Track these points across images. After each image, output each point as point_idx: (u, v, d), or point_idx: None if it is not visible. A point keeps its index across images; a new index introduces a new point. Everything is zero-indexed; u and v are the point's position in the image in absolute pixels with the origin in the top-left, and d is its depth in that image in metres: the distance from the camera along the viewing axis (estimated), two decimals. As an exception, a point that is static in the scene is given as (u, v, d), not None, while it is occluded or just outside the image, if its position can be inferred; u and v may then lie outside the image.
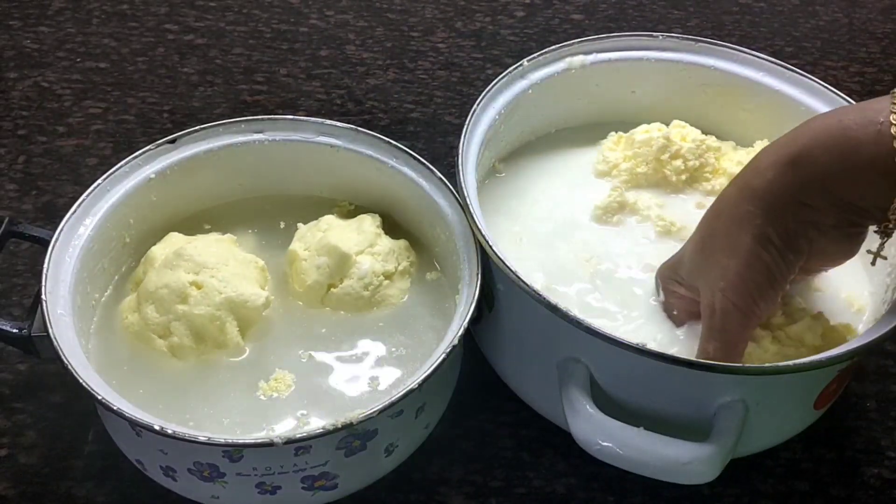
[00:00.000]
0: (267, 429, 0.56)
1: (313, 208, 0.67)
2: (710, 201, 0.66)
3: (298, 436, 0.50)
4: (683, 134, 0.69)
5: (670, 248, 0.61)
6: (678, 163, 0.67)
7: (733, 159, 0.68)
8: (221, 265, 0.60)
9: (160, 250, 0.62)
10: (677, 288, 0.58)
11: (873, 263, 0.56)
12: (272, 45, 0.91)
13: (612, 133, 0.71)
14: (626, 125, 0.71)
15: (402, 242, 0.65)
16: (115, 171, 0.62)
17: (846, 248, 0.54)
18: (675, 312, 0.59)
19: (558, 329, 0.55)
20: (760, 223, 0.51)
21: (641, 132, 0.69)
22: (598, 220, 0.66)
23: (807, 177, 0.50)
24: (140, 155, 0.63)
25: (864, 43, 0.95)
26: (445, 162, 0.71)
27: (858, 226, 0.53)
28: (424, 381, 0.52)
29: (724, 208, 0.54)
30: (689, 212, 0.66)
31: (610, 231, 0.65)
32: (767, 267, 0.52)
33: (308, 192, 0.69)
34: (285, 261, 0.64)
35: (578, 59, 0.70)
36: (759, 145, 0.69)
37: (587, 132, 0.71)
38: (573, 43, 0.70)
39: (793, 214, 0.51)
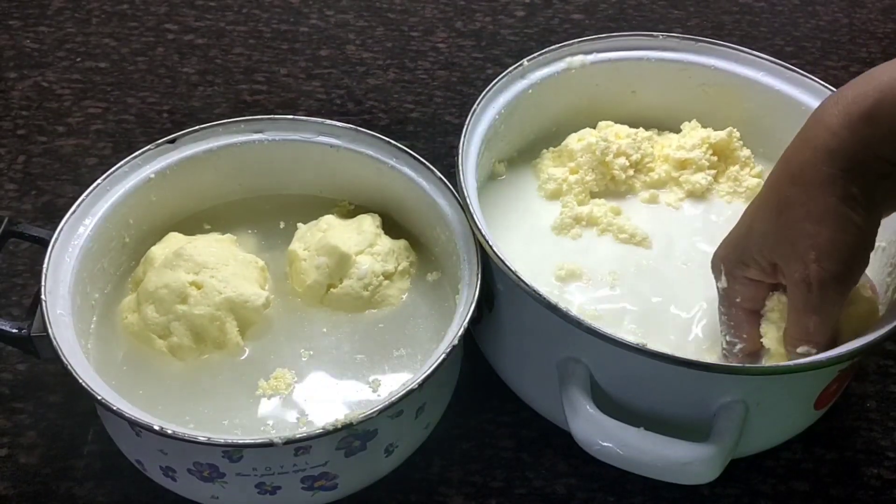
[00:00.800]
0: (267, 429, 0.56)
1: (313, 208, 0.67)
2: (662, 193, 0.67)
3: (298, 436, 0.50)
4: (616, 131, 0.69)
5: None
6: (622, 160, 0.67)
7: (665, 144, 0.70)
8: (221, 265, 0.60)
9: (160, 250, 0.62)
10: (746, 272, 0.55)
11: None
12: (272, 45, 0.91)
13: (545, 150, 0.70)
14: (626, 125, 0.71)
15: (402, 242, 0.65)
16: (114, 171, 0.62)
17: None
18: (738, 300, 0.56)
19: (558, 329, 0.55)
20: (844, 184, 0.49)
21: (575, 141, 0.69)
22: (559, 235, 0.66)
23: (883, 131, 0.49)
24: (140, 155, 0.63)
25: (864, 43, 0.95)
26: (445, 162, 0.71)
27: None
28: (424, 381, 0.52)
29: (799, 173, 0.51)
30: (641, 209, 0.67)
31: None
32: (859, 228, 0.50)
33: (308, 192, 0.68)
34: (285, 261, 0.64)
35: (578, 59, 0.70)
36: (687, 127, 0.70)
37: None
38: (573, 43, 0.70)
39: (872, 172, 0.50)
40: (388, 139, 0.65)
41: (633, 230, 0.64)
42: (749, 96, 0.70)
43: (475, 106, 0.64)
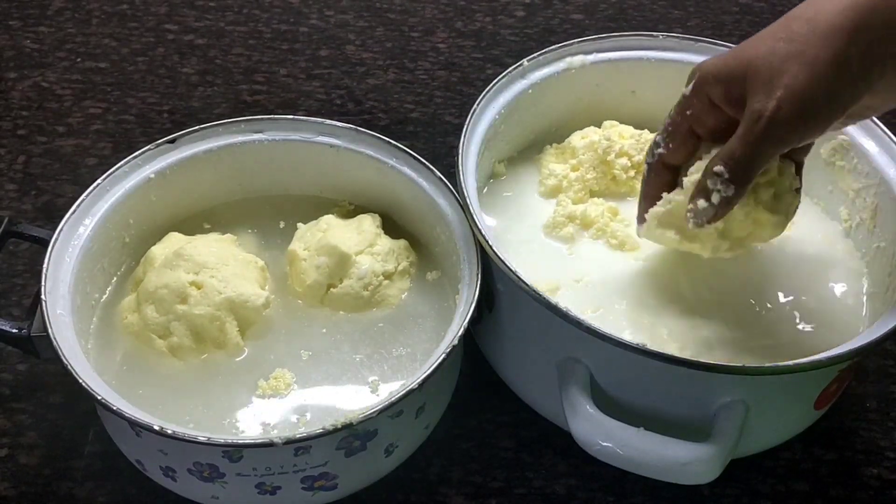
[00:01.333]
0: (267, 429, 0.56)
1: (313, 208, 0.67)
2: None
3: (298, 436, 0.50)
4: (620, 132, 0.69)
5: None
6: (623, 160, 0.67)
7: None
8: (221, 265, 0.60)
9: (160, 250, 0.62)
10: (713, 90, 0.55)
11: None
12: (272, 45, 0.91)
13: (548, 146, 0.70)
14: (626, 125, 0.71)
15: (402, 242, 0.65)
16: (114, 171, 0.62)
17: None
18: (689, 112, 0.56)
19: (558, 329, 0.55)
20: (848, 38, 0.50)
21: (579, 139, 0.68)
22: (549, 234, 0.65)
23: None
24: (140, 155, 0.63)
25: (864, 43, 0.95)
26: (445, 162, 0.71)
27: None
28: (424, 381, 0.52)
29: (813, 16, 0.51)
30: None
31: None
32: (836, 95, 0.51)
33: (308, 192, 0.69)
34: (285, 261, 0.64)
35: (578, 59, 0.70)
36: None
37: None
38: (573, 43, 0.70)
39: (880, 38, 0.50)
40: (388, 139, 0.65)
41: (624, 237, 0.64)
42: (749, 96, 0.70)
43: (475, 106, 0.64)
